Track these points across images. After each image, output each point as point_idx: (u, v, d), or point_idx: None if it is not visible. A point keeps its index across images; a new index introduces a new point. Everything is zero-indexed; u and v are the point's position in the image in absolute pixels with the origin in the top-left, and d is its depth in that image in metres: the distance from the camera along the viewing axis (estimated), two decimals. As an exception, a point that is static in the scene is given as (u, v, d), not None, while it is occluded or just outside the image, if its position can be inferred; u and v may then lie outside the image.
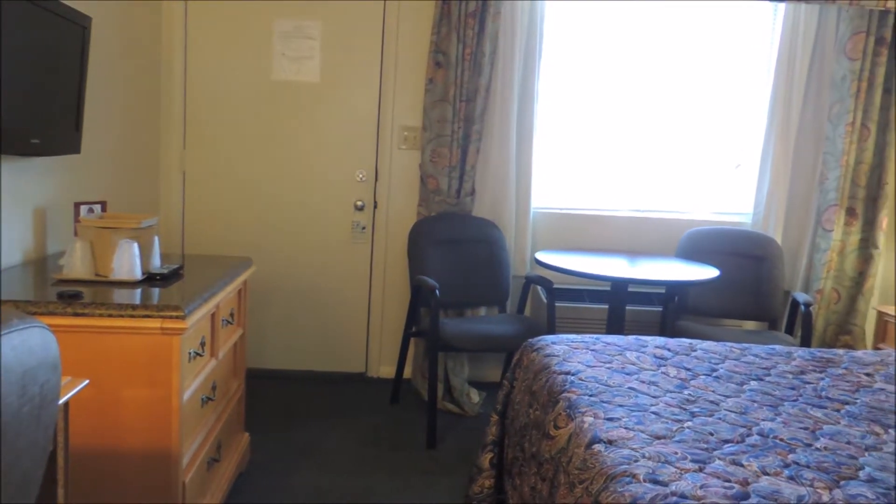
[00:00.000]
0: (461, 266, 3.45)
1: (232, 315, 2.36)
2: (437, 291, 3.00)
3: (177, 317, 1.74)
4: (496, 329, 3.12)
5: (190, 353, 1.90)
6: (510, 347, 3.05)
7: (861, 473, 1.40)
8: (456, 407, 3.40)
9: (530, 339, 2.29)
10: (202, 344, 2.02)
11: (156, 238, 2.16)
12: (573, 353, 2.10)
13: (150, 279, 2.03)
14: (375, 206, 3.66)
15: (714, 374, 2.00)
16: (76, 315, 1.72)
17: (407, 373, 3.73)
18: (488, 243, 3.47)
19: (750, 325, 3.77)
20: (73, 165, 2.54)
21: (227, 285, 2.20)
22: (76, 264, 1.96)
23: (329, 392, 3.54)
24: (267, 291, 3.69)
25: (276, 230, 3.65)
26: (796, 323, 3.46)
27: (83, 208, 2.32)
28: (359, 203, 3.64)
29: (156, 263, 2.14)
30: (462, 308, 3.53)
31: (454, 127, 3.43)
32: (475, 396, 3.49)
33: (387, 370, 3.77)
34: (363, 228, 3.67)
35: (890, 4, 3.37)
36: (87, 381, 1.44)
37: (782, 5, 3.57)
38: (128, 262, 1.97)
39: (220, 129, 3.56)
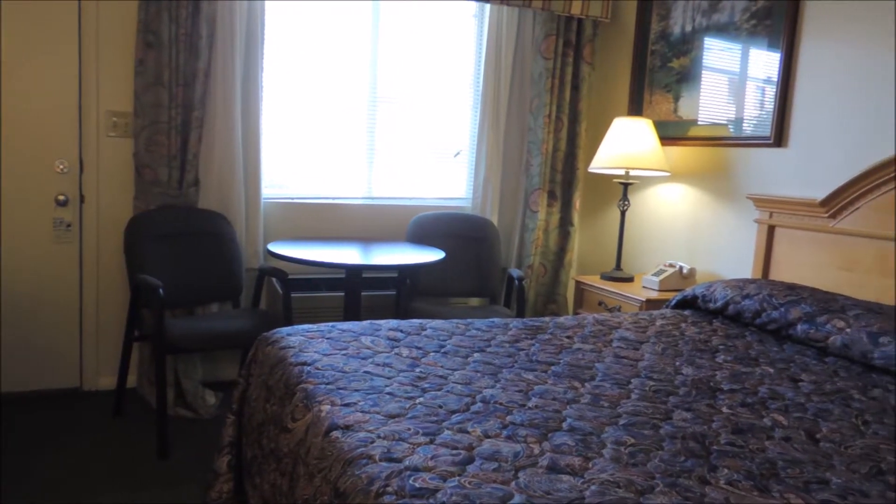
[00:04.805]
0: (187, 262, 3.23)
1: None
2: (161, 290, 2.79)
3: None
4: (229, 325, 2.99)
5: None
6: (245, 343, 2.95)
7: (564, 424, 1.60)
8: (190, 411, 3.20)
9: (265, 333, 2.23)
10: None
11: None
12: (309, 343, 2.09)
13: None
14: (82, 201, 3.27)
15: (442, 350, 2.13)
16: None
17: (131, 381, 3.41)
18: (216, 236, 3.30)
19: (474, 301, 4.09)
20: None
21: None
22: None
23: (36, 414, 3.10)
24: (-55, 305, 3.11)
25: (-47, 232, 3.09)
26: (512, 296, 3.84)
27: None
28: (61, 197, 3.22)
29: None
30: (191, 306, 3.32)
31: (172, 113, 3.19)
32: (210, 398, 3.32)
33: (106, 381, 3.41)
34: (68, 226, 3.26)
35: (574, 10, 3.86)
36: None
37: (488, 7, 3.89)
38: None
39: None
